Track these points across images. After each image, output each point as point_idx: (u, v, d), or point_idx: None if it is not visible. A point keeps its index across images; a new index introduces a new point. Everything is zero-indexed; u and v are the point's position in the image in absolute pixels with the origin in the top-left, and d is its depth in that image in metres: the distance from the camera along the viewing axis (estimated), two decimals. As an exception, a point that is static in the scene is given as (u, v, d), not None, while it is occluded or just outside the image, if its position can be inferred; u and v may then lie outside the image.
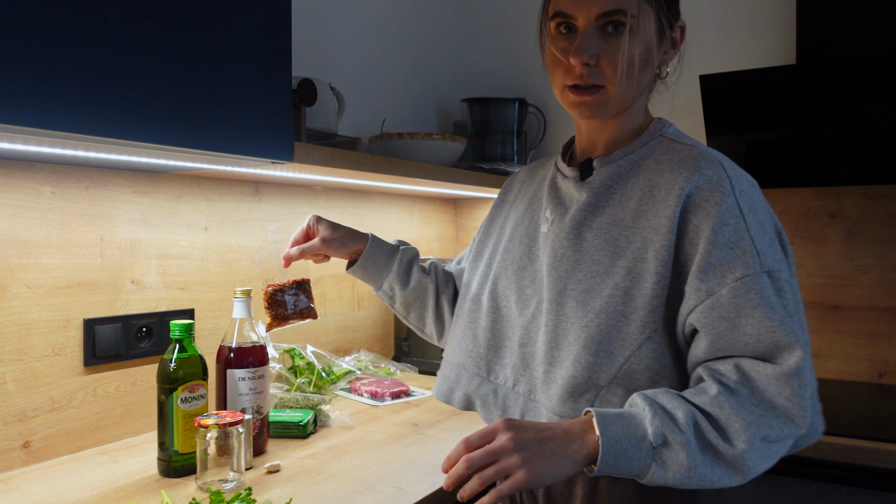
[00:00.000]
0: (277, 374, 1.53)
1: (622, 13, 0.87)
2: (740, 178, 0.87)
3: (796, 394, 0.80)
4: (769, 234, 0.85)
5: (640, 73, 0.91)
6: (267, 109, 1.12)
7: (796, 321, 0.82)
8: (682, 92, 2.07)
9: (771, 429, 0.80)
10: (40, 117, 0.81)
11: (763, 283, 0.82)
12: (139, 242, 1.37)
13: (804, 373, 0.80)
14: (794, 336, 0.80)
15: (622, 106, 0.94)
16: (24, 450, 1.19)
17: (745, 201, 0.85)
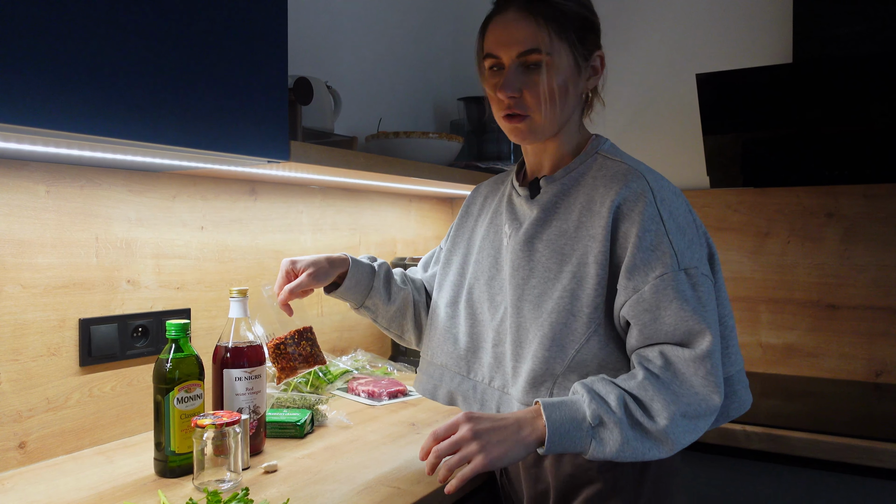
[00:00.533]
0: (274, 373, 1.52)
1: (538, 51, 1.01)
2: (662, 189, 1.00)
3: (709, 373, 0.93)
4: (688, 235, 0.99)
5: (561, 101, 1.04)
6: (263, 108, 1.12)
7: (709, 311, 0.96)
8: (678, 91, 2.07)
9: (689, 406, 0.93)
10: (35, 116, 0.80)
11: (679, 279, 0.95)
12: (135, 242, 1.37)
13: (714, 355, 0.94)
14: (704, 323, 0.94)
15: (552, 130, 1.07)
16: (20, 450, 1.19)
17: (665, 209, 0.98)
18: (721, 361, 0.97)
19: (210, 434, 1.06)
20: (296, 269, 1.20)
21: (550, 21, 1.01)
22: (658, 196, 0.99)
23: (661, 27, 2.11)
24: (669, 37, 2.10)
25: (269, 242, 1.68)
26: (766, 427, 1.41)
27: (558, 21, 1.02)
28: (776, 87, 1.63)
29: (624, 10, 2.14)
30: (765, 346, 1.95)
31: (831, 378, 1.86)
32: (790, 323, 1.92)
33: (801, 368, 1.91)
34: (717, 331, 0.95)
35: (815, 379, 1.85)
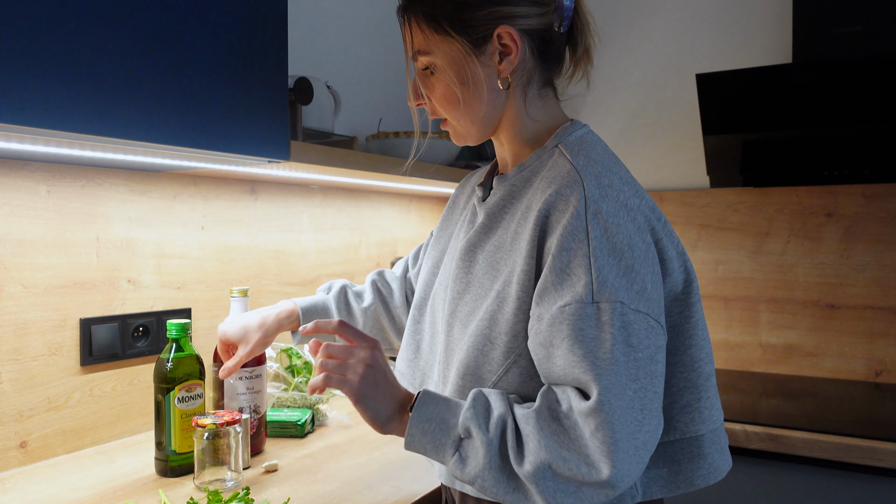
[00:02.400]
0: (275, 373, 1.52)
1: (420, 53, 0.91)
2: (605, 199, 0.80)
3: (593, 435, 0.73)
4: (626, 261, 0.78)
5: (466, 98, 0.89)
6: (263, 108, 1.12)
7: (608, 360, 0.75)
8: (678, 91, 2.07)
9: (564, 462, 0.74)
10: (36, 116, 0.80)
11: (584, 314, 0.76)
12: (135, 241, 1.37)
13: (603, 415, 0.73)
14: (592, 373, 0.74)
15: (478, 128, 0.92)
16: (21, 450, 1.19)
17: (597, 224, 0.78)
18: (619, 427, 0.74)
19: (211, 434, 1.06)
20: (236, 339, 1.15)
21: (419, 17, 0.90)
22: (592, 208, 0.79)
23: (661, 27, 2.11)
24: (669, 37, 2.10)
25: (270, 242, 1.68)
26: (766, 427, 1.41)
27: (427, 14, 0.89)
28: (776, 87, 1.63)
29: (624, 10, 2.15)
30: (765, 346, 1.95)
31: (831, 378, 1.86)
32: (790, 323, 1.92)
33: (801, 368, 1.91)
34: (621, 385, 0.74)
35: (815, 379, 1.86)
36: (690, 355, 0.85)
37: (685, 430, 0.84)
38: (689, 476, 0.84)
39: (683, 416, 0.84)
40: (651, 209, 0.85)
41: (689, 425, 0.84)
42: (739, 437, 1.41)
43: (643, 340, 0.77)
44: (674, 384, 0.85)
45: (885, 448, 1.29)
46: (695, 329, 0.85)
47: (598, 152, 0.87)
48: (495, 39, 0.88)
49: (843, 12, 1.69)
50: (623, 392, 0.74)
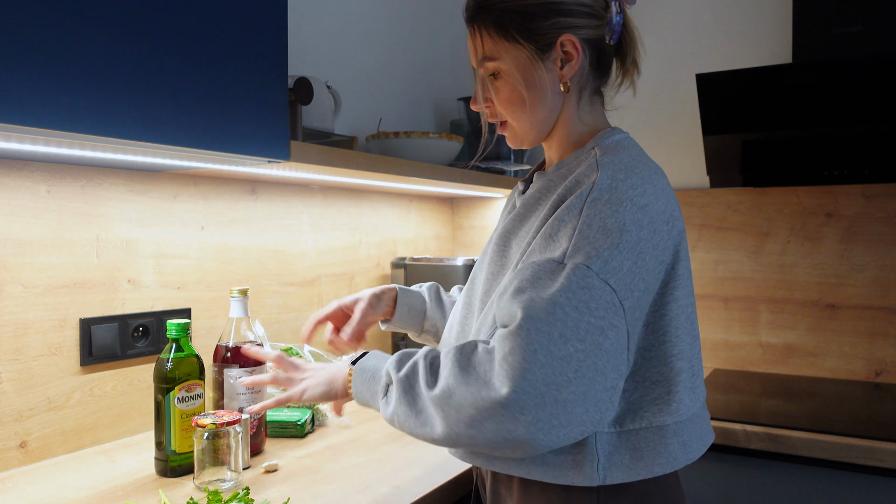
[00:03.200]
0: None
1: (488, 59, 0.98)
2: (610, 189, 0.85)
3: (505, 357, 0.78)
4: (612, 239, 0.81)
5: (530, 101, 0.97)
6: (263, 108, 1.12)
7: (546, 300, 0.78)
8: (678, 91, 2.07)
9: (467, 385, 0.80)
10: (35, 116, 0.80)
11: (549, 266, 0.82)
12: (135, 242, 1.37)
13: (519, 340, 0.77)
14: (521, 306, 0.79)
15: (536, 130, 1.00)
16: (21, 449, 1.19)
17: (593, 206, 0.84)
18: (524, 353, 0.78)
19: (210, 434, 1.06)
20: (343, 307, 1.21)
21: (489, 25, 0.97)
22: (594, 194, 0.85)
23: (661, 27, 2.11)
24: (669, 37, 2.10)
25: (270, 242, 1.68)
26: (766, 427, 1.41)
27: (496, 22, 0.96)
28: (776, 87, 1.63)
29: (624, 10, 2.14)
30: (765, 346, 1.95)
31: (831, 378, 1.86)
32: (790, 323, 1.92)
33: (801, 368, 1.91)
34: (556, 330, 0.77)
35: (815, 379, 1.86)
36: (664, 351, 0.88)
37: (651, 419, 0.87)
38: (649, 464, 0.86)
39: (652, 407, 0.87)
40: (661, 210, 0.87)
41: (655, 416, 0.87)
42: (739, 437, 1.41)
43: (601, 309, 0.79)
44: (647, 377, 0.88)
45: (885, 448, 1.29)
46: (668, 326, 0.88)
47: (629, 155, 0.92)
48: (559, 47, 0.95)
49: (843, 12, 1.69)
50: (557, 339, 0.77)
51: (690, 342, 0.91)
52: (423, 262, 1.98)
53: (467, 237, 2.43)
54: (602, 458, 0.85)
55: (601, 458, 0.85)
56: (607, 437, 0.86)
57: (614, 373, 0.80)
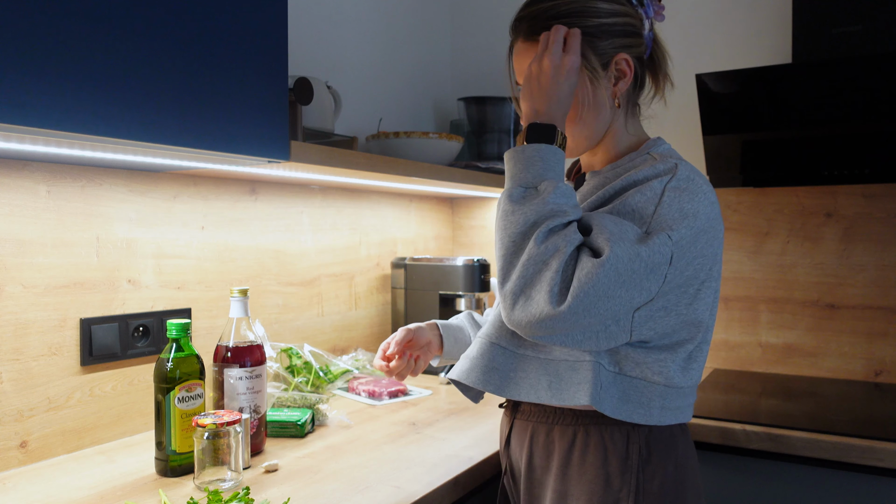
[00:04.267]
0: (275, 373, 1.53)
1: None
2: (688, 182, 0.93)
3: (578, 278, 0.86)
4: (689, 221, 0.91)
5: (587, 119, 1.03)
6: (263, 108, 1.12)
7: (629, 247, 0.87)
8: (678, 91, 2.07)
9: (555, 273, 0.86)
10: (35, 116, 0.80)
11: (632, 227, 0.90)
12: (135, 242, 1.37)
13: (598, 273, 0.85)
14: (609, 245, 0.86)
15: (591, 142, 1.06)
16: (21, 449, 1.19)
17: (672, 191, 0.92)
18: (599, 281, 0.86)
19: (211, 433, 1.06)
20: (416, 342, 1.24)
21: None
22: (673, 183, 0.93)
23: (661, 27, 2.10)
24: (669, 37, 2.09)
25: (270, 242, 1.68)
26: (767, 426, 1.41)
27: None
28: (776, 87, 1.63)
29: (624, 10, 2.14)
30: (765, 346, 1.95)
31: (831, 378, 1.86)
32: (790, 323, 1.92)
33: (800, 368, 1.91)
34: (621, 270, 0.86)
35: (815, 379, 1.86)
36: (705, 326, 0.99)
37: (648, 375, 0.96)
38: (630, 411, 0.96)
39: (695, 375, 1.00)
40: (717, 215, 0.97)
41: (656, 374, 0.97)
42: (739, 437, 1.41)
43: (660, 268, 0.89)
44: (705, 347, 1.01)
45: (885, 448, 1.29)
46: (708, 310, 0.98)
47: (684, 160, 1.00)
48: (613, 65, 1.02)
49: (843, 12, 1.69)
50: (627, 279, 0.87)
51: (713, 324, 1.01)
52: (423, 262, 1.98)
53: (467, 237, 2.43)
54: (603, 387, 0.95)
55: (602, 385, 0.95)
56: (607, 374, 0.96)
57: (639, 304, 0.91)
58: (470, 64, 2.40)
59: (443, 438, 1.33)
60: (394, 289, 2.06)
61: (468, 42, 2.40)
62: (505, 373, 1.01)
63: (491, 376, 1.01)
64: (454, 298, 1.94)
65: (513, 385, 1.00)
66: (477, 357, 1.03)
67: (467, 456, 1.23)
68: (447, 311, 1.93)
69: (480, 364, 1.02)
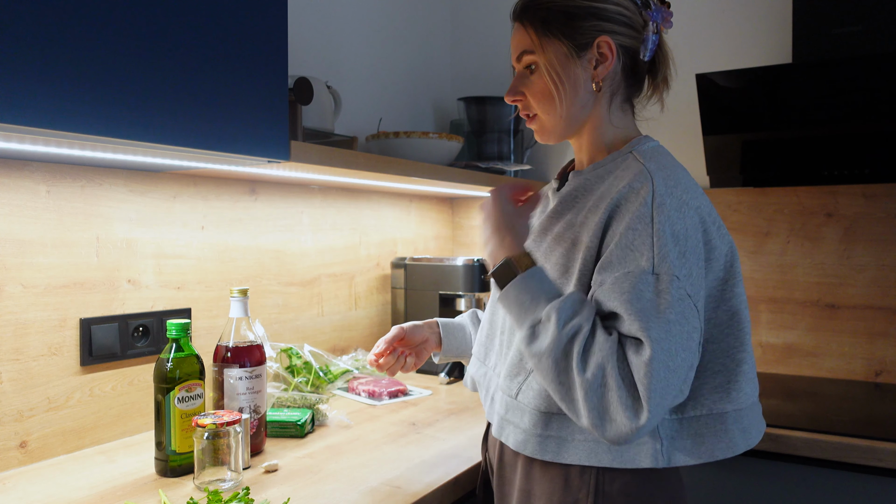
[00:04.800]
0: (275, 373, 1.53)
1: (527, 52, 1.03)
2: (669, 195, 0.91)
3: (641, 382, 0.84)
4: (682, 247, 0.89)
5: (564, 98, 1.02)
6: (263, 108, 1.12)
7: (663, 323, 0.85)
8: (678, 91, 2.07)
9: (618, 389, 0.85)
10: (35, 116, 0.80)
11: (646, 279, 0.87)
12: (135, 242, 1.37)
13: (653, 368, 0.84)
14: (645, 332, 0.85)
15: (565, 126, 1.05)
16: (21, 449, 1.19)
17: (661, 213, 0.90)
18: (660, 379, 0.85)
19: (210, 433, 1.06)
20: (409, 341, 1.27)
21: (535, 21, 1.02)
22: (657, 200, 0.91)
23: (660, 27, 2.11)
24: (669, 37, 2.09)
25: (270, 242, 1.68)
26: (767, 427, 1.41)
27: (542, 19, 1.02)
28: (776, 87, 1.63)
29: (624, 10, 2.14)
30: (765, 346, 1.95)
31: (831, 378, 1.86)
32: (790, 323, 1.92)
33: (801, 368, 1.91)
34: (668, 349, 0.85)
35: (815, 379, 1.86)
36: (727, 343, 0.95)
37: (712, 407, 0.94)
38: (710, 448, 0.93)
39: (712, 395, 0.94)
40: (708, 212, 0.95)
41: (716, 403, 0.94)
42: (739, 437, 1.41)
43: (690, 318, 0.88)
44: (709, 368, 0.95)
45: (885, 448, 1.29)
46: (732, 320, 0.96)
47: (667, 160, 0.99)
48: (595, 47, 1.01)
49: (843, 12, 1.69)
50: (675, 352, 0.85)
51: (746, 335, 0.97)
52: (423, 262, 1.98)
53: (467, 237, 2.43)
54: (665, 442, 0.92)
55: (664, 441, 0.92)
56: (668, 423, 0.93)
57: (692, 365, 0.90)
58: (470, 64, 2.40)
59: (443, 438, 1.33)
60: (394, 289, 2.06)
61: (468, 42, 2.40)
62: (561, 439, 0.97)
63: (548, 444, 0.97)
64: (454, 298, 1.94)
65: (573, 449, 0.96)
66: (530, 428, 0.98)
67: (467, 456, 1.23)
68: (447, 311, 1.93)
69: (535, 433, 0.98)
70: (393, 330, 1.25)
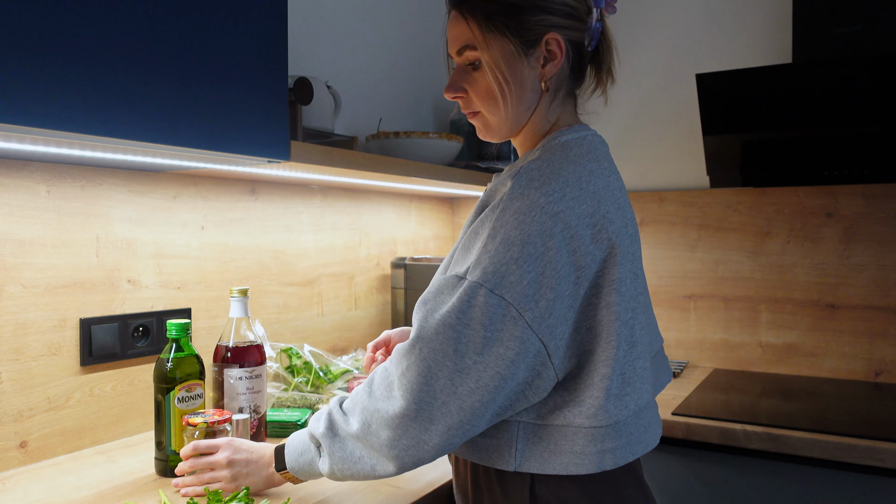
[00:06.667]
0: (275, 373, 1.52)
1: (469, 48, 0.96)
2: (521, 197, 0.85)
3: (403, 374, 0.85)
4: (512, 253, 0.82)
5: (510, 98, 0.95)
6: (263, 108, 1.12)
7: (437, 319, 0.83)
8: (678, 91, 2.07)
9: (374, 405, 0.87)
10: (35, 116, 0.80)
11: (450, 283, 0.85)
12: (135, 242, 1.37)
13: (413, 356, 0.84)
14: (417, 324, 0.85)
15: (510, 124, 0.98)
16: (21, 450, 1.19)
17: (501, 217, 0.85)
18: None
19: (201, 432, 1.06)
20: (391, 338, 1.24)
21: (477, 14, 0.94)
22: (504, 204, 0.86)
23: (661, 27, 2.11)
24: (669, 37, 2.10)
25: (270, 242, 1.68)
26: (766, 427, 1.41)
27: (485, 12, 0.93)
28: (776, 87, 1.63)
29: (624, 10, 2.15)
30: (765, 346, 1.95)
31: (831, 378, 1.86)
32: (790, 323, 1.92)
33: (801, 368, 1.91)
34: (442, 344, 0.82)
35: (815, 379, 1.86)
36: (586, 356, 0.88)
37: (571, 419, 0.87)
38: (564, 461, 0.88)
39: (571, 407, 0.88)
40: (589, 215, 0.86)
41: (576, 417, 0.87)
42: (739, 437, 1.41)
43: (496, 324, 0.82)
44: (565, 378, 0.88)
45: (885, 448, 1.29)
46: (595, 331, 0.87)
47: (565, 157, 0.91)
48: (543, 45, 0.94)
49: (843, 12, 1.69)
50: (452, 355, 0.82)
51: (626, 348, 0.88)
52: (423, 262, 1.98)
53: (467, 237, 2.42)
54: (520, 446, 0.89)
55: (520, 445, 0.89)
56: (530, 428, 0.89)
57: (512, 382, 0.84)
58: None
59: (443, 438, 1.33)
60: (394, 289, 2.06)
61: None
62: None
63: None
64: (454, 298, 1.94)
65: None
66: None
67: (467, 456, 1.23)
68: (447, 311, 1.93)
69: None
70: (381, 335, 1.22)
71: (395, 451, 0.85)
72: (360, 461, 0.89)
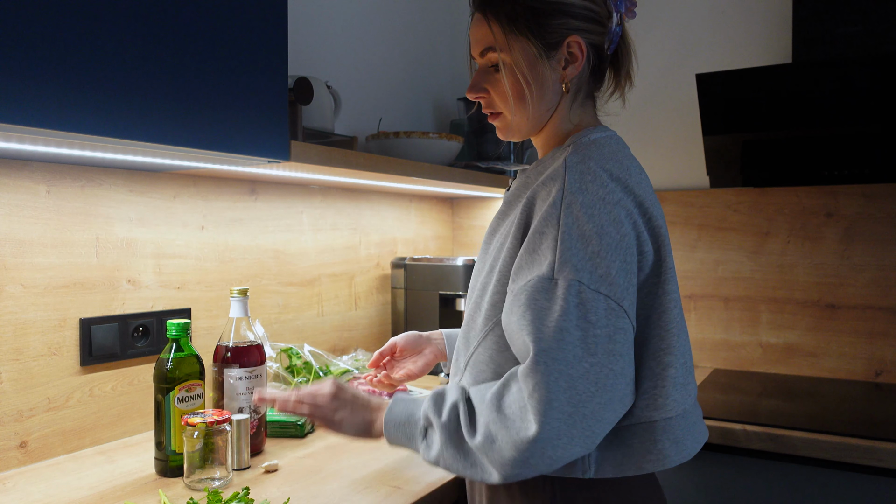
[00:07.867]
0: (275, 373, 1.52)
1: (492, 49, 0.98)
2: (581, 192, 0.87)
3: (531, 395, 0.81)
4: (593, 247, 0.84)
5: (529, 96, 0.97)
6: (263, 108, 1.12)
7: (552, 328, 0.81)
8: (678, 91, 2.07)
9: (504, 425, 0.83)
10: (35, 116, 0.80)
11: (542, 286, 0.84)
12: (135, 242, 1.37)
13: (538, 376, 0.80)
14: (532, 338, 0.82)
15: (530, 125, 1.01)
16: (21, 450, 1.19)
17: (569, 213, 0.86)
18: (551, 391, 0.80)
19: (200, 432, 1.06)
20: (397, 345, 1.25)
21: (500, 16, 0.96)
22: (567, 199, 0.87)
23: (661, 27, 2.11)
24: (669, 37, 2.10)
25: (270, 242, 1.68)
26: (767, 427, 1.41)
27: (508, 15, 0.96)
28: (776, 87, 1.63)
29: (624, 10, 2.14)
30: (765, 346, 1.95)
31: (831, 378, 1.86)
32: (790, 323, 1.92)
33: (801, 368, 1.91)
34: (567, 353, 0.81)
35: (815, 379, 1.86)
36: (654, 345, 0.89)
37: (640, 415, 0.88)
38: (638, 461, 0.88)
39: (640, 401, 0.88)
40: (638, 205, 0.90)
41: (643, 411, 0.88)
42: (739, 437, 1.41)
43: (601, 318, 0.83)
44: (637, 372, 0.89)
45: (885, 448, 1.29)
46: (660, 320, 0.90)
47: (601, 154, 0.93)
48: (565, 47, 0.97)
49: (843, 12, 1.69)
50: (572, 361, 0.81)
51: (683, 337, 0.92)
52: (423, 262, 1.98)
53: (467, 237, 2.43)
54: (594, 453, 0.88)
55: (593, 452, 0.87)
56: None
57: (630, 368, 0.85)
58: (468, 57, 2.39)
59: (443, 438, 1.33)
60: (394, 289, 2.06)
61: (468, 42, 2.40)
62: None
63: None
64: (454, 298, 1.94)
65: None
66: None
67: (467, 456, 1.22)
68: (447, 312, 1.93)
69: None
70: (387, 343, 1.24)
71: (515, 469, 0.83)
72: (473, 467, 0.86)
